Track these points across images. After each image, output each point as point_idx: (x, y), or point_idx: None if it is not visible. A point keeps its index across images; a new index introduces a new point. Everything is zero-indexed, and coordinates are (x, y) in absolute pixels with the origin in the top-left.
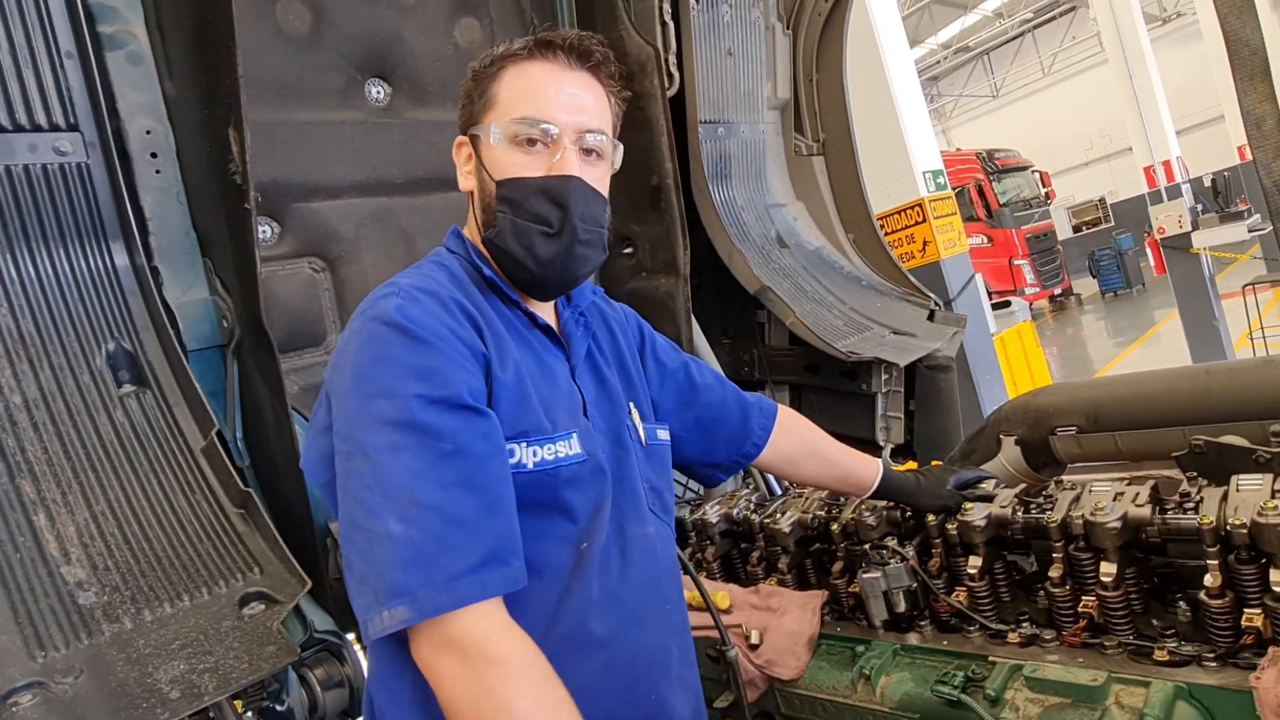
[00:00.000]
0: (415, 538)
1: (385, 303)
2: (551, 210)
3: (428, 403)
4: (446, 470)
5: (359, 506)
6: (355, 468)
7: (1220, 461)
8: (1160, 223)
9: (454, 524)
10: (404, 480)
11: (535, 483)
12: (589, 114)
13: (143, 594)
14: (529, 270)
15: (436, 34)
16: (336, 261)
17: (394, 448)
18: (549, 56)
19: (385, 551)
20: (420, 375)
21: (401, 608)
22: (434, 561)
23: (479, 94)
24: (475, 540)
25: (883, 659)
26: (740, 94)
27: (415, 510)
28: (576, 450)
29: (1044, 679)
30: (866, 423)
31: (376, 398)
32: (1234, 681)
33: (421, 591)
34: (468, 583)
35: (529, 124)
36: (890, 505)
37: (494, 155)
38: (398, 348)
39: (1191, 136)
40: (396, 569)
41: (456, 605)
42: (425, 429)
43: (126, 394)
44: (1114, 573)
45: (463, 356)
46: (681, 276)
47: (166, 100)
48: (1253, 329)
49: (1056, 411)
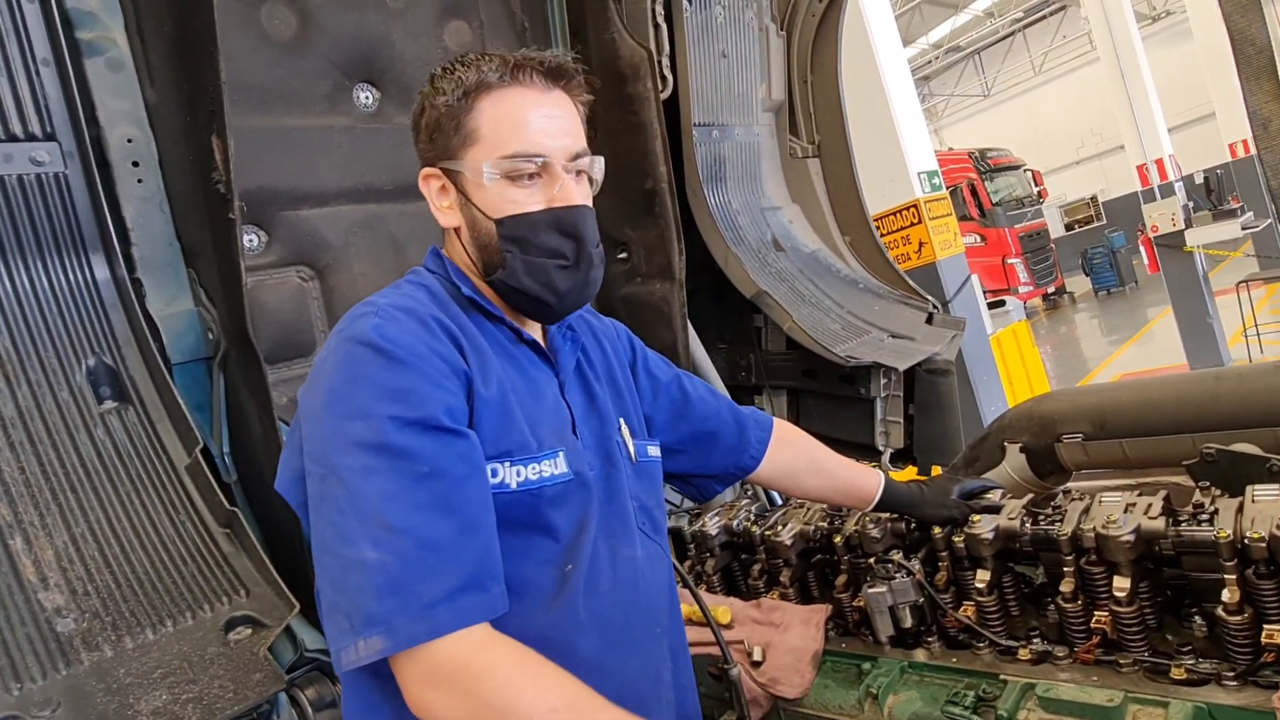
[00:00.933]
0: (389, 563)
1: (362, 322)
2: (564, 242)
3: (402, 424)
4: (421, 493)
5: (331, 531)
6: (328, 491)
7: (1233, 470)
8: (1154, 221)
9: (429, 548)
10: (377, 504)
11: (518, 503)
12: (573, 136)
13: (124, 620)
14: (549, 305)
15: (426, 38)
16: (325, 270)
17: (367, 470)
18: (524, 81)
19: (359, 579)
20: (395, 396)
21: (377, 637)
22: (409, 588)
23: (454, 128)
24: (452, 565)
25: (890, 677)
26: (734, 96)
27: (388, 535)
28: (562, 469)
29: (1058, 699)
30: (865, 428)
31: (351, 419)
32: (1256, 702)
33: (397, 620)
34: (445, 610)
35: (524, 160)
36: (894, 517)
37: (487, 194)
38: (373, 368)
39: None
40: (371, 597)
41: (434, 634)
42: (399, 451)
43: (107, 410)
44: (1128, 588)
45: (441, 375)
46: (677, 281)
47: (148, 107)
48: (1246, 326)
49: (1062, 418)
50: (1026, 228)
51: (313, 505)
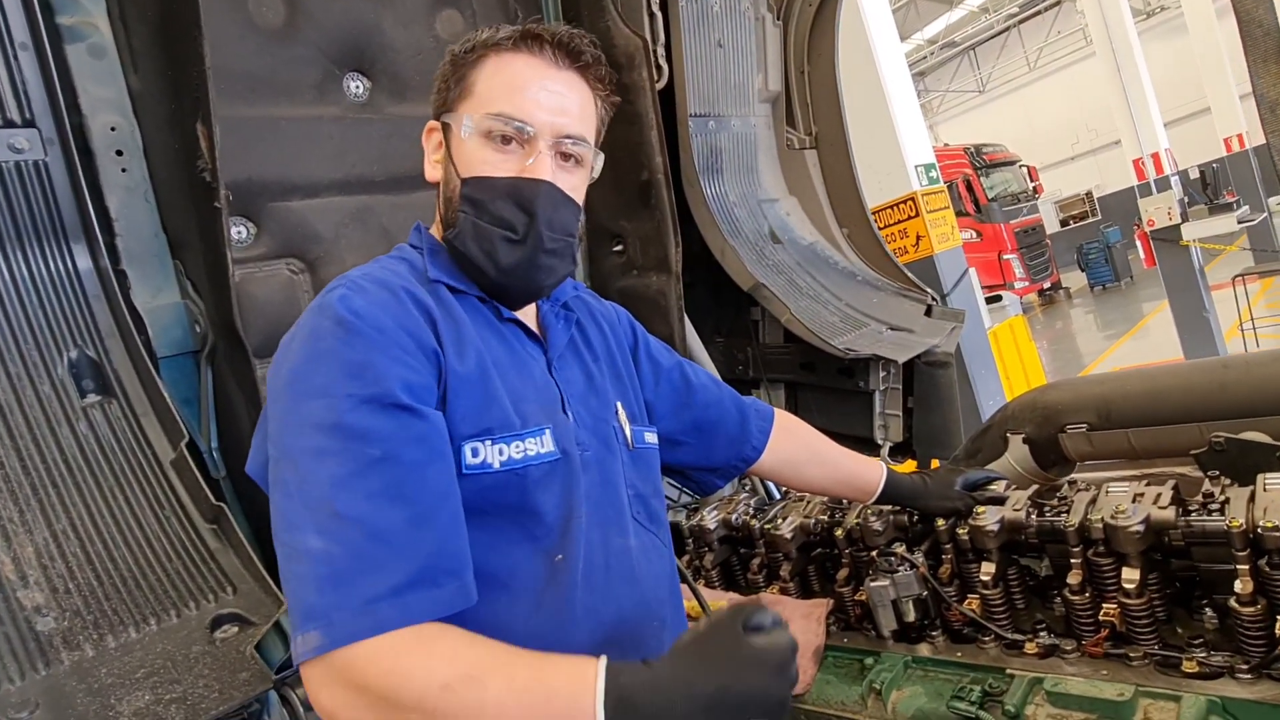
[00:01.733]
0: (334, 553)
1: (330, 295)
2: (517, 215)
3: (358, 401)
4: (372, 478)
5: (280, 518)
6: (280, 475)
7: (1242, 459)
8: (1150, 215)
9: (377, 539)
10: (325, 489)
11: (502, 484)
12: (570, 117)
13: (106, 618)
14: (489, 276)
15: (417, 26)
16: (316, 263)
17: (319, 453)
18: (535, 51)
19: (302, 569)
20: (352, 371)
21: (315, 632)
22: (352, 582)
23: (455, 80)
24: (400, 558)
25: (894, 672)
26: (731, 86)
27: (335, 523)
28: (549, 448)
29: (1067, 693)
30: (864, 421)
31: (308, 398)
32: (1272, 695)
33: (336, 615)
34: (389, 606)
35: (504, 121)
36: (896, 509)
37: (463, 149)
38: (332, 341)
39: (1176, 130)
40: (311, 589)
41: (374, 631)
42: (352, 432)
43: (90, 404)
44: (1137, 579)
45: (402, 350)
46: (673, 274)
47: (132, 95)
48: (1242, 320)
49: (1066, 408)
50: (1022, 223)
51: (270, 490)
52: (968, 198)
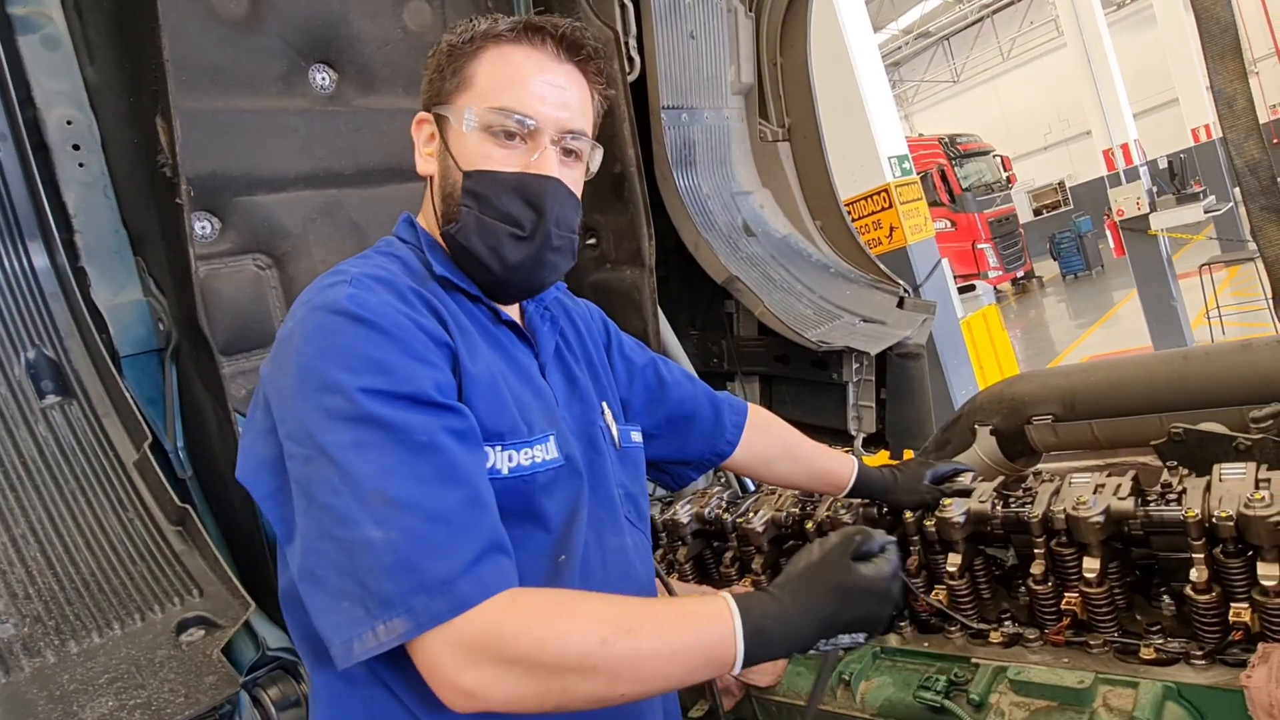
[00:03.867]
0: (396, 541)
1: (334, 291)
2: (524, 211)
3: (391, 398)
4: (421, 465)
5: (327, 514)
6: (316, 472)
7: (1200, 449)
8: (1119, 205)
9: (438, 521)
10: (376, 479)
11: (510, 490)
12: (573, 112)
13: (68, 623)
14: (493, 273)
15: (384, 17)
16: (284, 258)
17: (359, 445)
18: (537, 44)
19: (367, 560)
20: (380, 369)
21: (398, 620)
22: (423, 565)
23: (452, 71)
24: (465, 536)
25: (862, 663)
26: (703, 78)
27: (392, 511)
28: (554, 454)
29: (1029, 681)
30: (838, 412)
31: (330, 393)
32: (1224, 680)
33: (416, 600)
34: (466, 583)
35: (508, 115)
36: (866, 502)
37: (464, 143)
38: (351, 338)
39: (1145, 120)
40: (383, 578)
41: (458, 610)
42: (391, 423)
43: (50, 405)
44: (1097, 568)
45: (425, 349)
46: (647, 267)
47: (88, 87)
48: (1208, 308)
49: (1032, 400)
50: (996, 213)
51: (300, 489)
52: (942, 187)
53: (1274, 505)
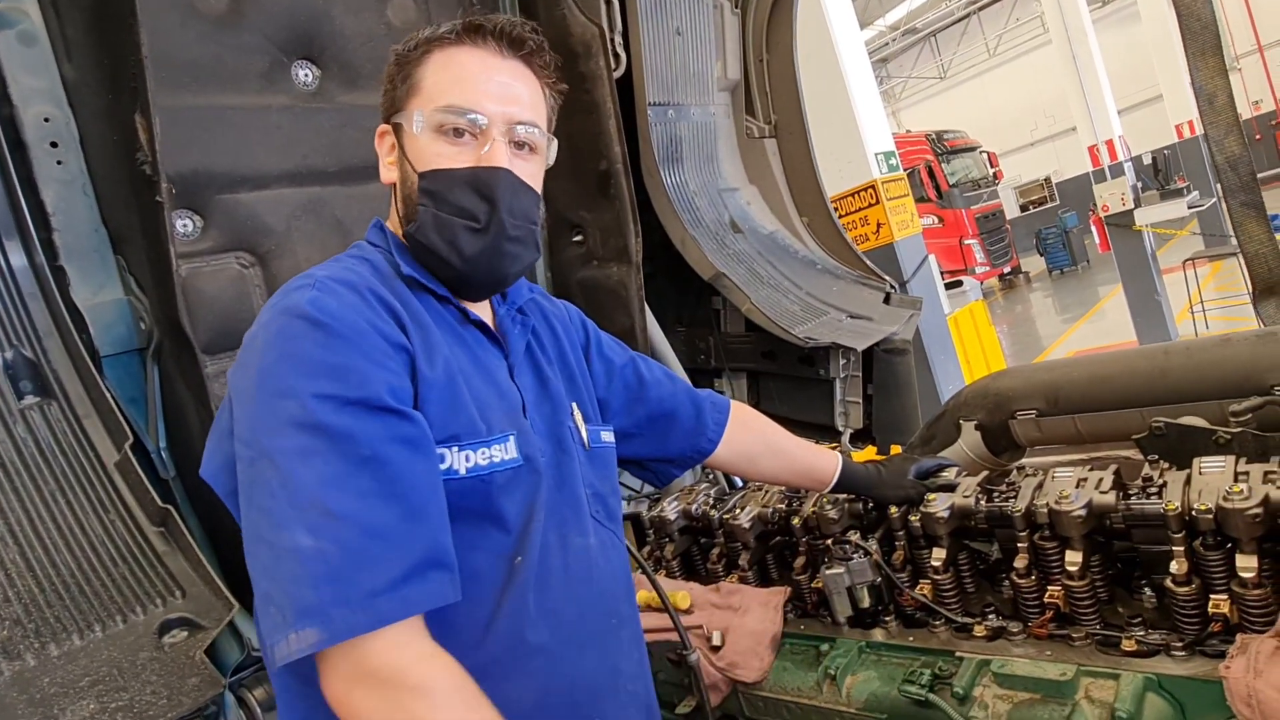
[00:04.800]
0: (328, 551)
1: (298, 295)
2: (477, 203)
3: (342, 404)
4: (363, 477)
5: (264, 518)
6: (259, 475)
7: (1180, 443)
8: (1104, 200)
9: (372, 536)
10: (315, 489)
11: (468, 490)
12: (521, 105)
13: (48, 626)
14: (453, 266)
15: (368, 13)
16: (267, 256)
17: (304, 453)
18: (479, 43)
19: (293, 567)
20: (335, 374)
21: (311, 629)
22: (349, 577)
23: (402, 79)
24: (396, 553)
25: (848, 658)
26: (690, 75)
27: (327, 521)
28: (513, 454)
29: (1012, 674)
30: (825, 408)
31: (285, 397)
32: (1203, 671)
33: (335, 610)
34: (388, 600)
35: (455, 113)
36: (851, 498)
37: (417, 145)
38: (309, 343)
39: (1130, 116)
40: (306, 586)
41: (375, 625)
42: (339, 432)
43: (28, 406)
44: (1079, 562)
45: (382, 353)
46: (633, 264)
47: (66, 84)
48: (1192, 303)
49: (1016, 395)
50: (983, 209)
51: (243, 491)
52: (929, 183)
53: (1252, 498)
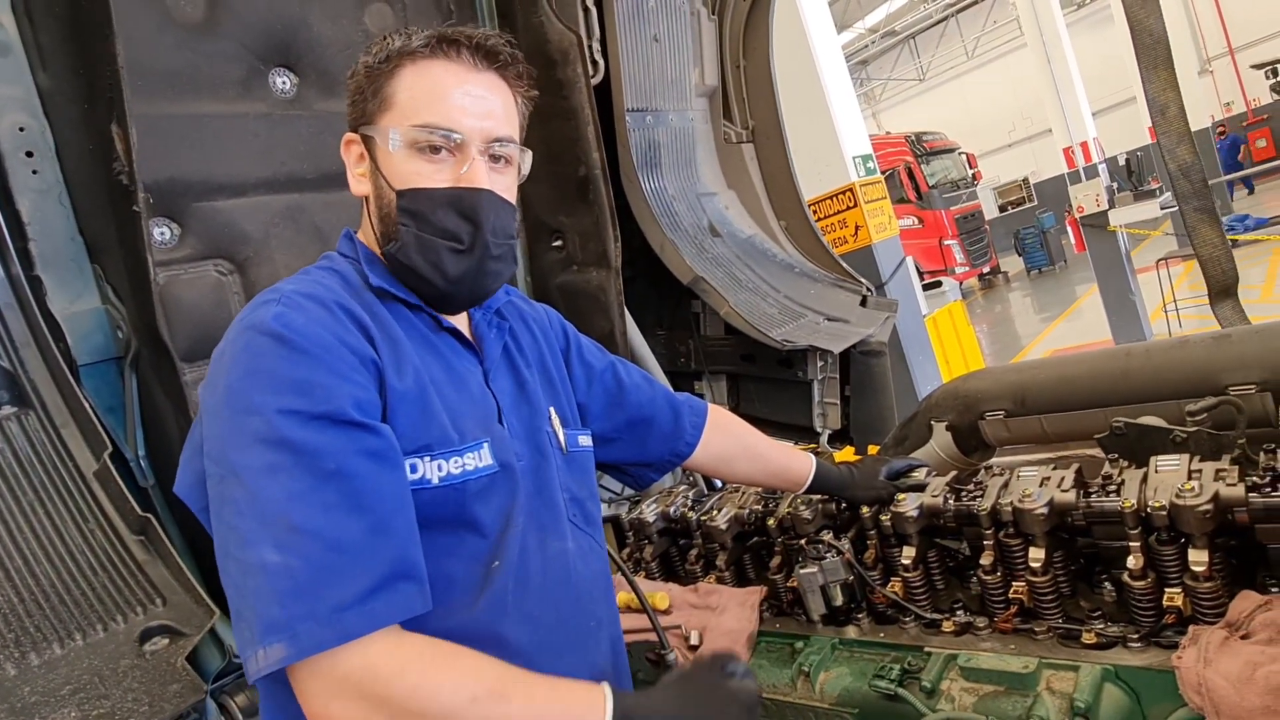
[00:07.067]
0: (294, 566)
1: (264, 310)
2: (461, 225)
3: (307, 419)
4: (328, 492)
5: (232, 534)
6: (227, 492)
7: (1140, 442)
8: (1079, 201)
9: (337, 550)
10: (281, 504)
11: (441, 499)
12: (497, 120)
13: (28, 635)
14: (436, 287)
15: (345, 20)
16: (246, 263)
17: (270, 469)
18: (452, 56)
19: (260, 583)
20: (300, 389)
21: (278, 645)
22: (315, 592)
23: (373, 92)
24: (362, 567)
25: (821, 655)
26: (667, 81)
27: (293, 536)
28: (487, 461)
29: (978, 668)
30: (804, 410)
31: (250, 414)
32: (1158, 662)
33: (301, 626)
34: (355, 614)
35: (433, 131)
36: (825, 498)
37: (393, 162)
38: (274, 359)
39: (1105, 118)
40: (272, 602)
41: (342, 639)
42: (304, 448)
43: (6, 416)
44: (1042, 558)
45: (349, 367)
46: (613, 269)
47: (41, 94)
48: (1166, 302)
49: (985, 396)
50: (962, 210)
51: (213, 508)
52: (909, 185)
53: (1203, 495)
